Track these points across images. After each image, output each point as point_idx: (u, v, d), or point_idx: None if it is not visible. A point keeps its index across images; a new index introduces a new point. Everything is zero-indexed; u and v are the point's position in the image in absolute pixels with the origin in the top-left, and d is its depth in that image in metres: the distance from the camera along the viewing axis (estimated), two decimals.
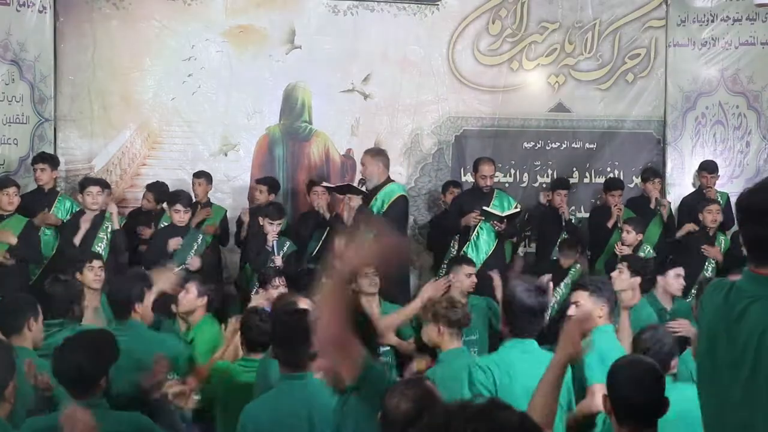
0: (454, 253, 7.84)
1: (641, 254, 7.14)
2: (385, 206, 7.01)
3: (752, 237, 2.43)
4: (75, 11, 8.16)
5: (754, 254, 2.42)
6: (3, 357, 2.90)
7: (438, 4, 8.82)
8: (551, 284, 6.30)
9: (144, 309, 4.41)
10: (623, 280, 5.56)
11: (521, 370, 3.49)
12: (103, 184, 7.27)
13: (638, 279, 5.62)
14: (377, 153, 7.39)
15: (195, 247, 7.15)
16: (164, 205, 7.64)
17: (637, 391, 2.91)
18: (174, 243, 7.05)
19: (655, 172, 8.52)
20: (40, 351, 4.05)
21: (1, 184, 7.02)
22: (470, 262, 6.35)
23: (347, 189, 7.20)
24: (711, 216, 7.60)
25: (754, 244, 2.42)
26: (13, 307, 4.19)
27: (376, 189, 7.09)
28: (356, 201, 6.98)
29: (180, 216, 7.14)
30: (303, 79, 8.63)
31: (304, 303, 4.10)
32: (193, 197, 7.81)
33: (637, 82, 9.21)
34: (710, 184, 8.39)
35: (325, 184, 7.66)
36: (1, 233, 6.77)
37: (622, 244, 7.24)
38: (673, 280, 6.23)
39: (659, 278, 6.23)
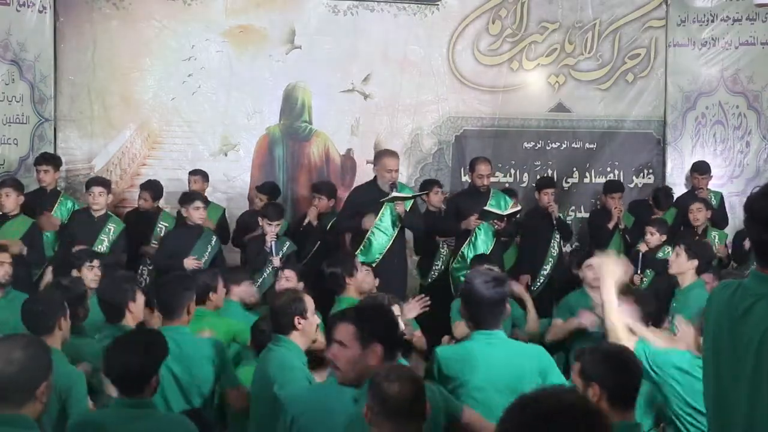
0: (445, 253, 7.82)
1: (660, 254, 7.23)
2: (409, 205, 7.11)
3: (758, 240, 2.47)
4: (75, 11, 8.16)
5: (761, 256, 2.46)
6: (38, 354, 2.89)
7: (438, 4, 8.83)
8: None
9: (137, 308, 4.44)
10: (680, 263, 5.52)
11: (484, 361, 3.49)
12: (107, 185, 7.27)
13: (695, 262, 5.53)
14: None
15: (209, 250, 6.92)
16: (159, 203, 7.70)
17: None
18: (191, 264, 6.68)
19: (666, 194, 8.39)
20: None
21: None
22: (491, 261, 6.35)
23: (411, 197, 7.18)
24: (693, 215, 7.75)
25: (760, 247, 2.46)
26: (44, 306, 4.20)
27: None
28: (402, 207, 6.98)
29: (200, 213, 6.87)
30: (303, 79, 8.63)
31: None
32: None
33: (637, 82, 9.22)
34: (702, 185, 8.40)
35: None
36: (11, 244, 6.70)
37: (647, 246, 7.28)
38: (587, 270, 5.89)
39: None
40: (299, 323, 3.96)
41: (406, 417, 2.74)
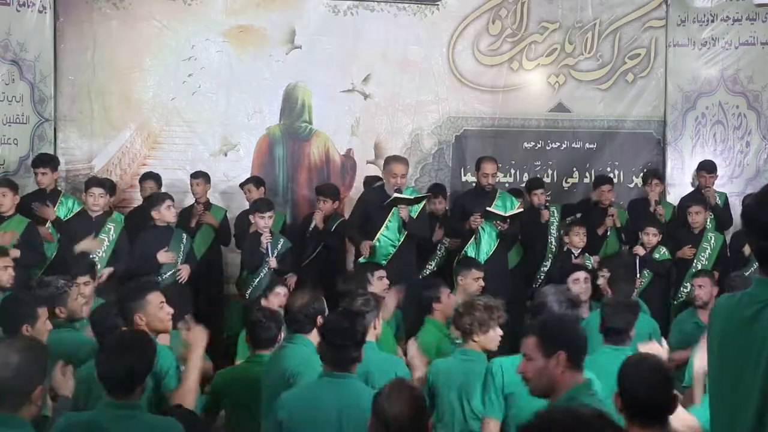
0: (442, 253, 7.84)
1: (656, 255, 7.40)
2: (417, 210, 7.15)
3: (758, 249, 2.48)
4: (75, 11, 8.16)
5: (763, 264, 2.48)
6: (35, 359, 2.87)
7: (438, 4, 8.82)
8: None
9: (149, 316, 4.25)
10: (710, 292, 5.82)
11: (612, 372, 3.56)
12: (108, 186, 7.25)
13: (716, 289, 5.83)
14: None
15: (182, 248, 6.92)
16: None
17: (646, 389, 2.92)
18: (165, 257, 6.72)
19: (654, 173, 8.54)
20: None
21: None
22: (479, 266, 6.31)
23: (417, 200, 7.19)
24: (691, 218, 7.77)
25: (761, 256, 2.48)
26: (12, 308, 4.18)
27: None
28: (406, 212, 6.98)
29: (173, 211, 6.93)
30: (303, 79, 8.63)
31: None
32: (193, 197, 7.90)
33: (637, 82, 9.22)
34: (709, 184, 8.40)
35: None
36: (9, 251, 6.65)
37: (644, 246, 7.34)
38: (572, 285, 6.12)
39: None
40: (320, 322, 4.02)
41: None
